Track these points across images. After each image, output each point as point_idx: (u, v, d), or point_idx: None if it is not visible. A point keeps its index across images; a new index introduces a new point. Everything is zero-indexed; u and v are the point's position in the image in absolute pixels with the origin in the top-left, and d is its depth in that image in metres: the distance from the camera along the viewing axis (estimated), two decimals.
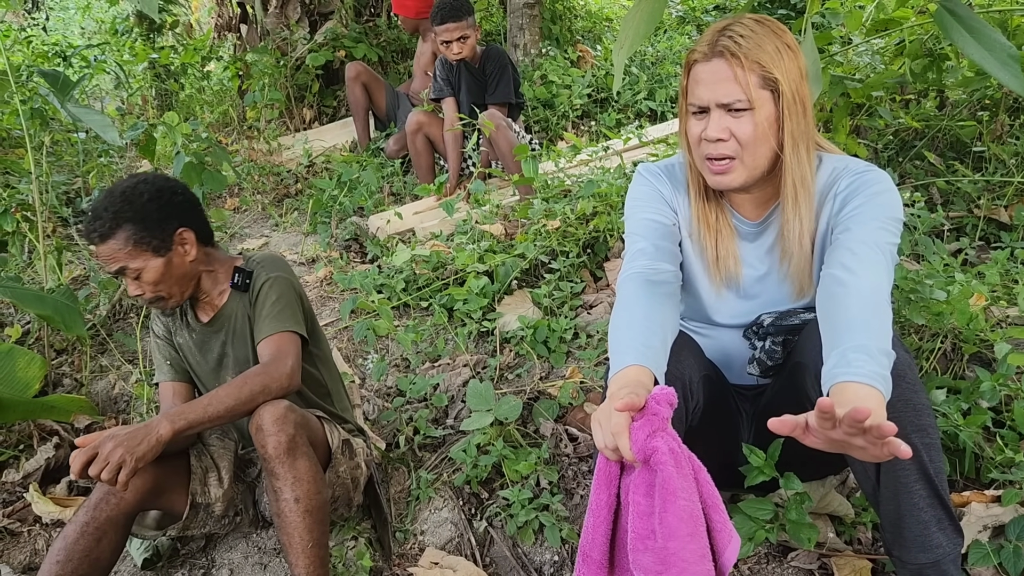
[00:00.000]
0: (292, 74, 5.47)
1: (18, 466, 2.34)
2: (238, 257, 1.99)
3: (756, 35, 1.37)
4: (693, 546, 1.17)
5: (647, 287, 1.46)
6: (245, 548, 2.03)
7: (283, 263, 1.97)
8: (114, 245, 1.73)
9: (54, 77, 2.79)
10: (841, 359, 1.21)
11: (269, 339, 1.82)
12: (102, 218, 1.72)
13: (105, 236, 1.72)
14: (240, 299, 1.92)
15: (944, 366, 2.05)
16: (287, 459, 1.65)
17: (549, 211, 3.15)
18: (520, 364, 2.61)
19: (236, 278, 1.91)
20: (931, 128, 3.15)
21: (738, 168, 1.42)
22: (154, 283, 1.79)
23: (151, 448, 1.55)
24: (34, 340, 2.89)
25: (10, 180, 3.79)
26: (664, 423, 1.21)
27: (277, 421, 1.65)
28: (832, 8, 3.11)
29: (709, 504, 1.23)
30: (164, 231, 1.78)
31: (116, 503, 1.69)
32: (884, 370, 1.19)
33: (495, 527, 1.98)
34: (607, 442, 1.22)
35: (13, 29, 6.66)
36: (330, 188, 4.00)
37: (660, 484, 1.18)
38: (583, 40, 6.04)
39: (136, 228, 1.74)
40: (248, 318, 1.91)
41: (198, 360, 1.97)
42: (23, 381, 2.16)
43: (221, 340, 1.95)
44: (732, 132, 1.39)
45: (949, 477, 1.80)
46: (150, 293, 1.81)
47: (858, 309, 1.27)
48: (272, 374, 1.73)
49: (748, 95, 1.36)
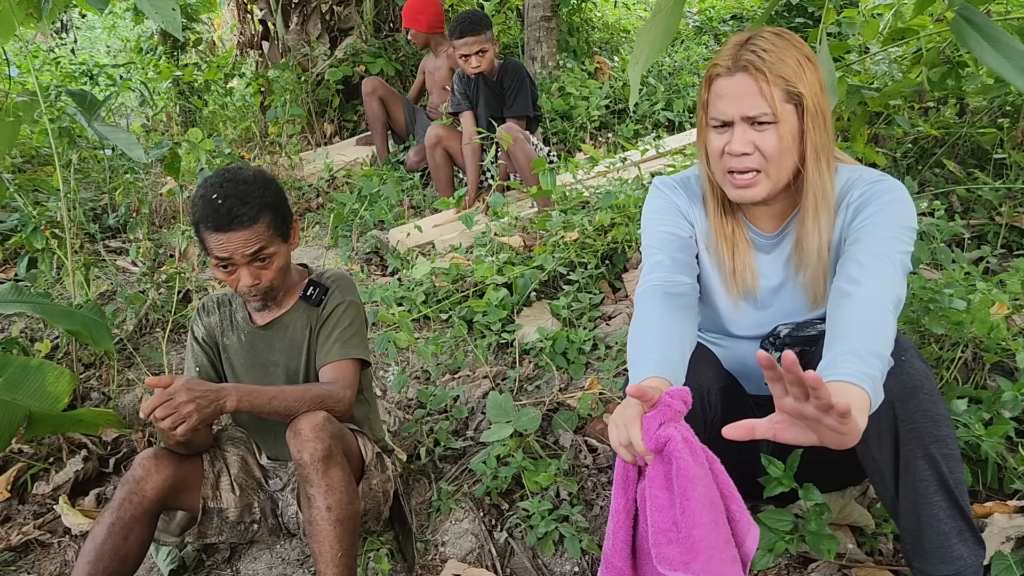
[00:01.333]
0: (313, 90, 5.54)
1: (48, 478, 2.38)
2: (304, 268, 2.04)
3: (778, 49, 1.38)
4: (716, 533, 1.17)
5: (665, 299, 1.47)
6: (269, 559, 2.06)
7: (355, 286, 2.01)
8: (259, 229, 1.76)
9: (81, 97, 2.86)
10: (830, 363, 1.22)
11: (336, 364, 1.87)
12: (249, 202, 1.74)
13: (254, 219, 1.75)
14: (307, 312, 1.95)
15: (965, 376, 2.04)
16: (322, 467, 1.68)
17: (567, 223, 3.17)
18: (539, 376, 2.63)
19: (310, 291, 1.95)
20: (951, 136, 3.14)
21: (762, 181, 1.43)
22: (280, 269, 1.84)
23: (214, 413, 1.62)
24: (63, 355, 2.94)
25: (39, 198, 3.87)
26: (677, 415, 1.21)
27: (315, 428, 1.68)
28: (849, 17, 3.11)
29: (726, 494, 1.23)
30: (288, 219, 1.86)
31: (139, 501, 1.74)
32: (872, 369, 1.19)
33: (515, 538, 1.99)
34: (620, 438, 1.23)
35: (42, 50, 6.81)
36: (351, 202, 4.05)
37: (677, 473, 1.18)
38: (600, 52, 6.07)
39: (275, 215, 1.80)
40: (310, 331, 1.94)
41: (243, 362, 2.00)
42: (52, 395, 2.20)
43: (275, 347, 1.97)
44: (757, 146, 1.40)
45: (971, 488, 1.78)
46: (267, 282, 1.83)
47: (856, 318, 1.28)
48: (335, 396, 1.79)
49: (773, 108, 1.37)
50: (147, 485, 1.76)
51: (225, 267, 1.79)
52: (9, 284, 2.37)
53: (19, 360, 2.20)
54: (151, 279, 3.30)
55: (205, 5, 5.96)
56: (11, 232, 3.64)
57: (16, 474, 2.38)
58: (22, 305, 2.33)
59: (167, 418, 1.55)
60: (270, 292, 1.87)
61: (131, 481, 1.76)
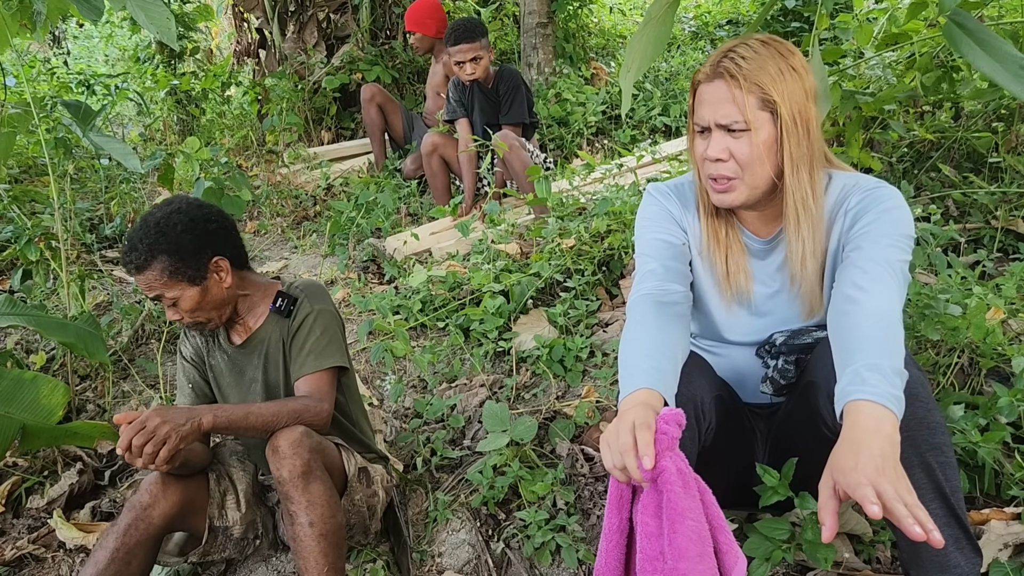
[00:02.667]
0: (310, 97, 5.55)
1: (42, 492, 2.38)
2: (275, 281, 2.00)
3: (759, 56, 1.39)
4: (702, 567, 1.17)
5: (657, 308, 1.47)
6: (265, 572, 2.05)
7: (326, 293, 1.99)
8: (150, 275, 1.75)
9: (76, 107, 2.85)
10: (855, 377, 1.21)
11: (311, 377, 1.85)
12: (138, 249, 1.74)
13: (141, 267, 1.75)
14: (278, 324, 1.94)
15: (961, 381, 2.04)
16: (301, 483, 1.67)
17: (564, 230, 3.17)
18: (536, 384, 2.62)
19: (279, 303, 1.92)
20: (946, 140, 3.14)
21: (739, 187, 1.44)
22: (191, 311, 1.82)
23: (192, 431, 1.60)
24: (58, 367, 2.94)
25: (35, 209, 3.87)
26: (673, 443, 1.21)
27: (293, 445, 1.67)
28: (843, 22, 3.11)
29: (715, 526, 1.23)
30: (199, 261, 1.79)
31: (145, 528, 1.72)
32: (897, 391, 1.20)
33: (512, 548, 1.98)
34: (615, 462, 1.23)
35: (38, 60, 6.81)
36: (348, 210, 4.05)
37: (667, 505, 1.19)
38: (597, 57, 6.07)
39: (171, 259, 1.75)
40: (283, 343, 1.93)
41: (229, 382, 1.99)
42: (47, 408, 2.19)
43: (253, 363, 1.97)
44: (731, 152, 1.41)
45: (968, 495, 1.78)
46: (188, 319, 1.84)
47: (870, 327, 1.27)
48: (312, 409, 1.78)
49: (745, 116, 1.38)
50: (154, 512, 1.74)
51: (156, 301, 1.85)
52: (3, 296, 2.36)
53: (13, 373, 2.19)
54: None
55: (202, 14, 5.96)
56: (6, 244, 3.64)
57: (10, 488, 2.37)
58: (17, 318, 2.32)
59: (146, 444, 1.53)
60: (201, 325, 1.87)
61: (138, 507, 1.73)
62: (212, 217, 1.85)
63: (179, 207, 1.82)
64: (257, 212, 4.71)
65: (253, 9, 5.83)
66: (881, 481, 1.09)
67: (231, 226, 1.90)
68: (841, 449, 1.16)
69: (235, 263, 1.89)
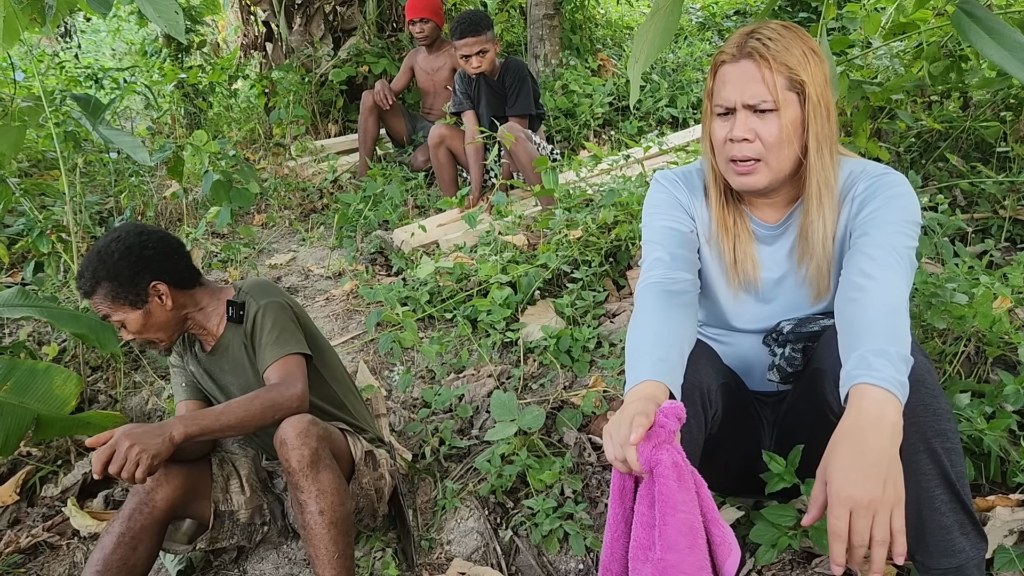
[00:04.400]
0: (317, 90, 5.55)
1: (56, 481, 2.40)
2: (229, 288, 2.03)
3: (784, 38, 1.39)
4: (691, 559, 1.19)
5: (664, 297, 1.48)
6: (276, 559, 2.07)
7: (272, 287, 2.01)
8: (96, 300, 1.86)
9: (86, 101, 2.88)
10: (861, 361, 1.22)
11: (274, 365, 1.87)
12: (83, 276, 1.85)
13: (88, 293, 1.85)
14: (236, 330, 1.97)
15: (968, 370, 2.04)
16: (311, 472, 1.68)
17: (571, 221, 3.17)
18: (544, 374, 2.63)
19: (230, 311, 1.97)
20: (954, 129, 3.13)
21: (763, 170, 1.44)
22: (137, 332, 1.89)
23: (164, 447, 1.60)
24: (70, 358, 2.97)
25: (45, 202, 3.89)
26: (670, 436, 1.22)
27: (300, 435, 1.69)
28: (851, 12, 3.11)
29: (709, 518, 1.25)
30: (137, 286, 1.86)
31: (149, 512, 1.75)
32: (902, 376, 1.20)
33: (520, 536, 2.00)
34: (616, 454, 1.24)
35: (47, 54, 6.84)
36: (355, 202, 4.06)
37: (659, 497, 1.20)
38: (603, 49, 6.06)
39: (112, 286, 1.84)
40: (245, 347, 1.95)
41: (208, 386, 2.05)
42: (60, 398, 2.21)
43: (224, 368, 2.01)
44: (757, 133, 1.41)
45: (974, 482, 1.79)
46: (138, 339, 1.91)
47: (876, 312, 1.28)
48: (283, 393, 1.78)
49: (774, 96, 1.38)
50: (157, 496, 1.77)
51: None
52: (16, 288, 2.38)
53: (27, 364, 2.22)
54: None
55: (208, 7, 5.98)
56: (17, 236, 3.67)
57: (25, 477, 2.40)
58: (29, 309, 2.35)
59: (121, 468, 1.55)
60: (152, 344, 1.94)
61: (141, 492, 1.77)
62: (150, 244, 1.90)
63: (119, 235, 1.89)
64: (265, 205, 4.73)
65: (260, 2, 5.84)
66: (859, 517, 1.14)
67: (172, 250, 1.94)
68: (841, 446, 1.17)
69: (177, 285, 1.93)
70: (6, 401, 2.10)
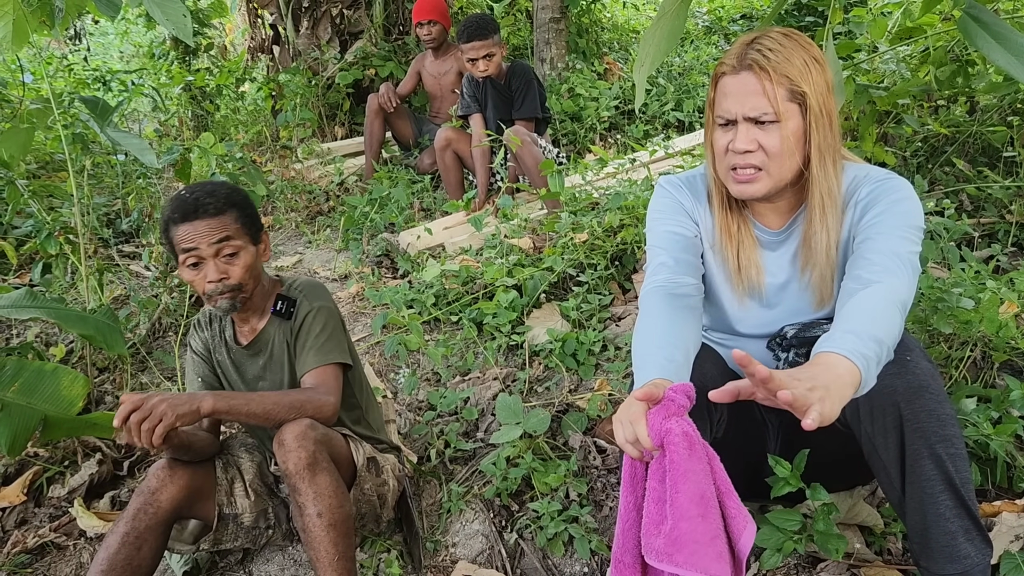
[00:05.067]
0: (323, 93, 5.57)
1: (63, 481, 2.41)
2: (278, 281, 2.03)
3: (784, 48, 1.39)
4: (704, 527, 1.17)
5: (669, 300, 1.48)
6: (281, 561, 2.08)
7: (324, 291, 2.01)
8: (226, 219, 1.82)
9: (94, 103, 2.89)
10: (826, 338, 1.23)
11: (314, 371, 1.87)
12: (216, 195, 1.82)
13: (220, 211, 1.81)
14: (281, 326, 1.96)
15: (974, 375, 2.04)
16: (308, 474, 1.69)
17: (576, 224, 3.18)
18: (549, 377, 2.64)
19: (279, 305, 1.95)
20: (960, 134, 3.13)
21: (763, 179, 1.44)
22: (246, 267, 1.85)
23: (191, 413, 1.61)
24: (77, 359, 2.98)
25: (53, 203, 3.91)
26: (680, 410, 1.22)
27: (298, 438, 1.69)
28: (857, 16, 3.11)
29: (723, 490, 1.24)
30: (256, 225, 1.91)
31: (154, 512, 1.75)
32: (867, 350, 1.20)
33: (525, 539, 2.00)
34: (627, 434, 1.24)
35: (56, 57, 6.87)
36: (361, 205, 4.07)
37: (669, 466, 1.19)
38: (609, 52, 6.07)
39: (242, 213, 1.86)
40: (287, 345, 1.95)
41: (235, 380, 2.02)
42: (67, 399, 2.22)
43: (259, 364, 1.99)
44: (760, 144, 1.41)
45: (980, 487, 1.78)
46: (235, 279, 1.84)
47: (861, 306, 1.29)
48: (315, 400, 1.79)
49: (776, 108, 1.38)
50: (162, 496, 1.77)
51: (194, 264, 1.81)
52: (24, 289, 2.39)
53: (34, 364, 2.22)
54: (163, 283, 3.33)
55: (216, 10, 6.00)
56: (25, 238, 3.68)
57: (32, 477, 2.41)
58: (37, 310, 2.35)
59: (143, 421, 1.55)
60: (238, 291, 1.86)
61: (145, 492, 1.77)
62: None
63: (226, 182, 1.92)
64: (271, 207, 4.75)
65: (267, 5, 5.86)
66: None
67: None
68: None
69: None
70: (14, 402, 2.11)
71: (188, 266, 1.82)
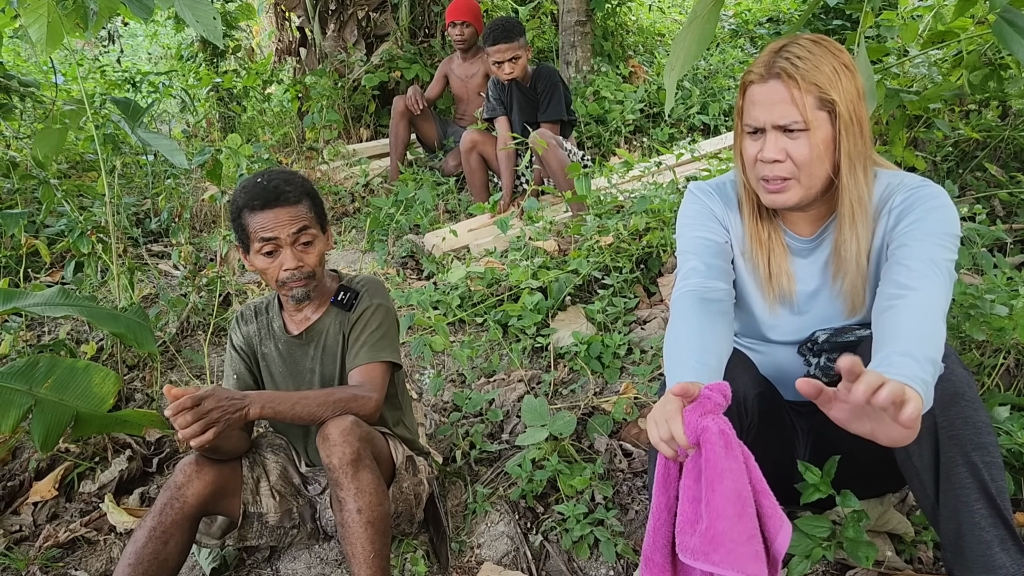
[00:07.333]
0: (349, 95, 5.61)
1: (94, 477, 2.45)
2: (335, 275, 2.08)
3: (813, 56, 1.38)
4: (740, 527, 1.16)
5: (700, 305, 1.48)
6: (308, 559, 2.09)
7: (385, 289, 2.04)
8: (302, 209, 1.86)
9: (125, 104, 2.93)
10: (884, 360, 1.20)
11: (364, 367, 1.89)
12: (292, 183, 1.86)
13: (298, 199, 1.86)
14: (338, 316, 1.99)
15: (1007, 383, 2.01)
16: (351, 470, 1.70)
17: (602, 227, 3.17)
18: (574, 380, 2.64)
19: (341, 295, 1.98)
20: (992, 139, 3.09)
21: (794, 187, 1.43)
22: (319, 255, 1.91)
23: (239, 419, 1.66)
24: (108, 357, 3.02)
25: (85, 203, 3.97)
26: (717, 408, 1.22)
27: (343, 433, 1.71)
28: (888, 20, 3.08)
29: (759, 489, 1.22)
30: (324, 215, 1.96)
31: (180, 507, 1.77)
32: (927, 376, 1.18)
33: (551, 541, 2.00)
34: (662, 433, 1.24)
35: (87, 58, 6.97)
36: (387, 206, 4.09)
37: (705, 464, 1.19)
38: (635, 55, 6.06)
39: (314, 204, 1.91)
40: (343, 336, 1.97)
41: (282, 372, 2.03)
42: (98, 396, 2.25)
43: (310, 355, 2.01)
44: (788, 153, 1.40)
45: (1014, 496, 1.76)
46: (309, 266, 1.89)
47: (909, 319, 1.27)
48: (360, 399, 1.81)
49: (805, 117, 1.37)
50: (188, 491, 1.79)
51: (270, 252, 1.84)
52: (56, 288, 2.43)
53: (67, 362, 2.26)
54: (192, 283, 3.37)
55: (244, 13, 6.06)
56: (58, 236, 3.74)
57: (63, 473, 2.45)
58: (69, 308, 2.39)
59: (195, 424, 1.58)
60: (311, 279, 1.90)
61: (172, 487, 1.79)
62: None
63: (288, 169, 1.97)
64: None
65: (294, 8, 5.91)
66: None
67: None
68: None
69: None
70: (47, 398, 2.14)
71: (263, 254, 1.85)
